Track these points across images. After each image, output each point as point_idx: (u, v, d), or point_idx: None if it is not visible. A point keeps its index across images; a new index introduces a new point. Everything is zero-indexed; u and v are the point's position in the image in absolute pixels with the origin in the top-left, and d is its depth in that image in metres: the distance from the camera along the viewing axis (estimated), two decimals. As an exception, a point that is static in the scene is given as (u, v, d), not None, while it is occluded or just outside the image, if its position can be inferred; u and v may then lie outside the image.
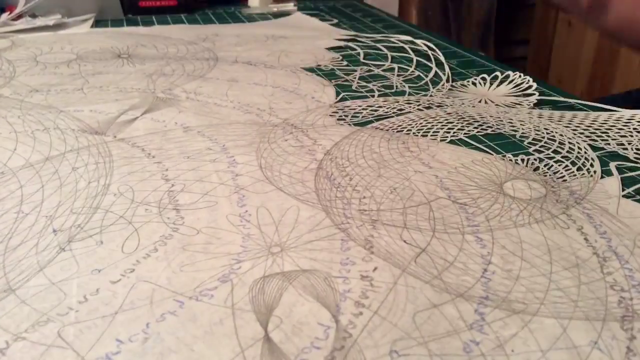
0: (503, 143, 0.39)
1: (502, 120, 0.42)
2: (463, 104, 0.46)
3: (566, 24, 1.34)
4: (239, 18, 0.81)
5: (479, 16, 1.50)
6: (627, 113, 0.42)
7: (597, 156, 0.36)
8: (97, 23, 0.76)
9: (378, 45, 0.63)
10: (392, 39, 0.65)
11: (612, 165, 0.35)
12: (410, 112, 0.44)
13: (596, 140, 0.39)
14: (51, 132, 0.40)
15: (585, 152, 0.37)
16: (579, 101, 0.46)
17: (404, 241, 0.28)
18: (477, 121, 0.42)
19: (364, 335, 0.22)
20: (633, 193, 0.32)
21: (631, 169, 0.35)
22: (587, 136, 0.39)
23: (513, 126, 0.42)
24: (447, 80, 0.52)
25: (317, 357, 0.21)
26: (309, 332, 0.22)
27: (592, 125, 0.41)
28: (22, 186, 0.32)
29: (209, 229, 0.29)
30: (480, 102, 0.47)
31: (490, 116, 0.43)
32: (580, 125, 0.41)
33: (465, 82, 0.52)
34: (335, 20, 0.78)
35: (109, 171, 0.34)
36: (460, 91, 0.50)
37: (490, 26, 1.51)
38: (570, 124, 0.42)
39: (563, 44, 1.36)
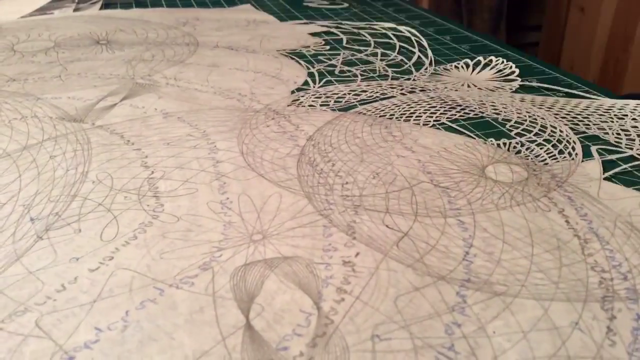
0: (485, 126, 0.39)
1: (484, 104, 0.42)
2: (446, 87, 0.46)
3: (579, 10, 1.33)
4: (219, 2, 0.80)
5: (490, 1, 1.48)
6: (606, 102, 0.42)
7: (579, 139, 0.37)
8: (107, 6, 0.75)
9: (361, 32, 0.63)
10: (375, 27, 0.64)
11: (593, 149, 0.35)
12: (393, 96, 0.44)
13: (577, 125, 0.39)
14: (29, 120, 0.39)
15: (567, 135, 0.37)
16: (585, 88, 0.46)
17: (386, 226, 0.28)
18: (460, 105, 0.42)
19: (345, 321, 0.22)
20: (613, 176, 0.32)
21: (611, 152, 0.35)
22: (568, 120, 0.39)
23: (495, 109, 0.42)
24: (430, 64, 0.52)
25: (298, 344, 0.21)
26: (290, 320, 0.22)
27: (573, 110, 0.41)
28: (-1, 175, 0.32)
29: (190, 217, 0.28)
30: (462, 86, 0.47)
31: (473, 99, 0.43)
32: (561, 111, 0.41)
33: (447, 67, 0.51)
34: (346, 5, 0.77)
35: (87, 159, 0.34)
36: (443, 75, 0.49)
37: (502, 11, 1.49)
38: (551, 109, 0.42)
39: (575, 29, 1.35)
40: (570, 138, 0.37)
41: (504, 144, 0.36)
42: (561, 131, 0.38)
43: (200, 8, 0.76)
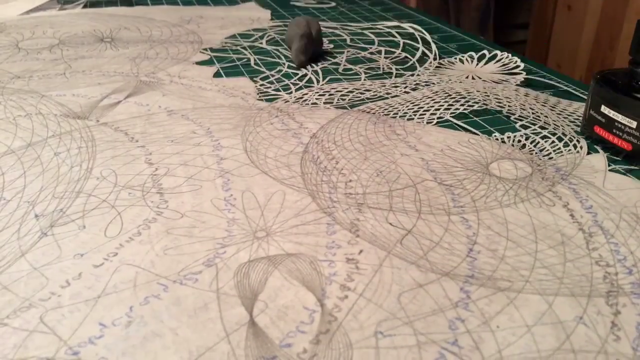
0: (489, 119, 0.39)
1: (488, 95, 0.42)
2: (450, 80, 0.46)
3: (566, 8, 1.33)
4: (221, 1, 0.80)
5: (478, 0, 1.48)
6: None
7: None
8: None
9: (365, 32, 0.63)
10: (378, 26, 0.64)
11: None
12: (397, 95, 0.44)
13: (579, 126, 0.38)
14: (33, 117, 0.39)
15: (571, 130, 0.37)
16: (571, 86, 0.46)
17: (390, 223, 0.28)
18: (464, 97, 0.42)
19: (349, 318, 0.22)
20: (618, 169, 0.32)
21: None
22: (570, 121, 0.39)
23: (499, 101, 0.41)
24: (435, 58, 0.52)
25: (302, 341, 0.21)
26: (294, 316, 0.22)
27: (574, 112, 0.41)
28: (4, 173, 0.32)
29: (194, 213, 0.28)
30: (467, 78, 0.47)
31: (477, 91, 0.43)
32: (564, 111, 0.41)
33: (452, 60, 0.51)
34: (333, 4, 0.77)
35: (91, 155, 0.34)
36: (447, 68, 0.49)
37: (489, 10, 1.49)
38: (554, 108, 0.41)
39: (562, 28, 1.35)
40: (574, 130, 0.37)
41: (508, 137, 0.36)
42: (564, 127, 0.38)
43: (204, 6, 0.76)
